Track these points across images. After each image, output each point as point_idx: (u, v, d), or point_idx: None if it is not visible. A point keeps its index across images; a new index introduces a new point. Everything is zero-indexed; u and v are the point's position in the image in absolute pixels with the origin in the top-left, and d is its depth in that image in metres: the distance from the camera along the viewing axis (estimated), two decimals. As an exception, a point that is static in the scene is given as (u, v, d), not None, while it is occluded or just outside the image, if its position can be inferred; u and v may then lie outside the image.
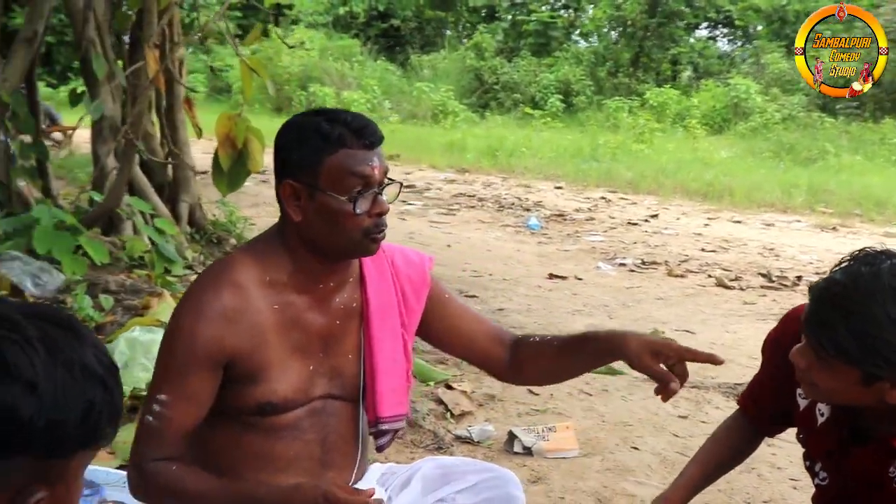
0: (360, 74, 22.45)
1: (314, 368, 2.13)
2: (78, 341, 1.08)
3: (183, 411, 1.99)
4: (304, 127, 2.03)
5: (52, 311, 1.13)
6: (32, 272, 4.55)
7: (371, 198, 1.97)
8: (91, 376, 1.06)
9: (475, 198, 10.68)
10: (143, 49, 4.21)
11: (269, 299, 2.05)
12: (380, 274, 2.26)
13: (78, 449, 1.08)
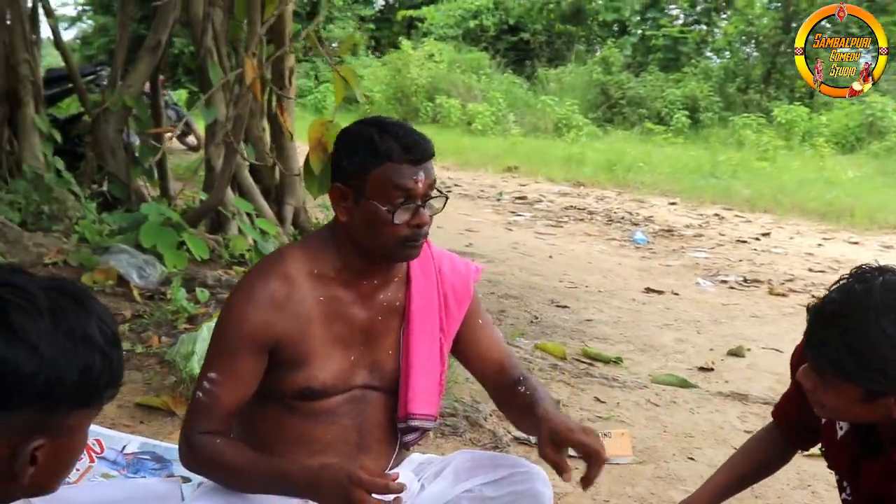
0: (487, 87, 22.65)
1: (355, 359, 2.29)
2: (85, 313, 1.25)
3: (230, 390, 2.16)
4: (358, 136, 2.20)
5: (69, 285, 1.31)
6: (138, 265, 4.87)
7: (412, 210, 2.13)
8: (91, 344, 1.23)
9: (585, 211, 10.70)
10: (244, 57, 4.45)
11: (316, 291, 2.23)
12: (426, 278, 2.41)
13: (75, 407, 1.24)
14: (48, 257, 4.89)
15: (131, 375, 3.95)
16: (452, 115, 20.84)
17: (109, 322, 1.29)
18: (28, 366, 1.17)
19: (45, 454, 1.22)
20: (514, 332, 5.11)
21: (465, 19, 26.61)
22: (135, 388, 3.81)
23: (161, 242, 4.92)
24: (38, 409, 1.19)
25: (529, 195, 11.77)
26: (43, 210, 5.31)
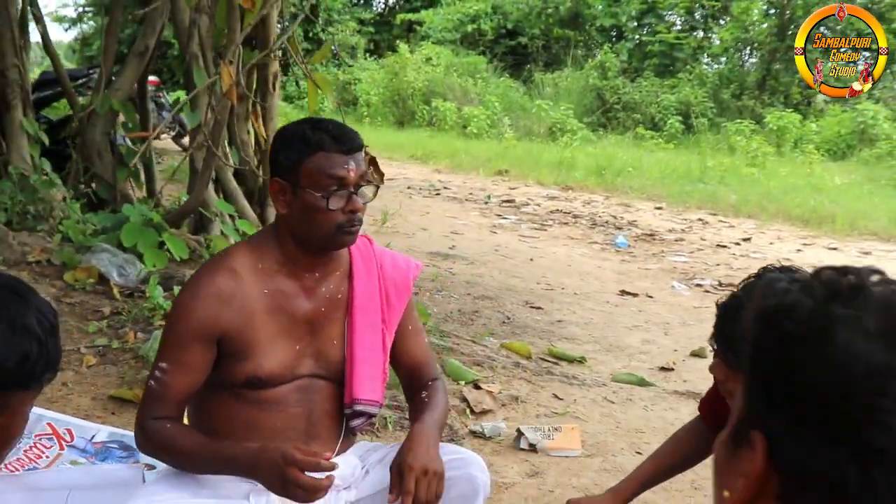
0: (483, 91, 22.81)
1: (300, 349, 2.46)
2: (25, 305, 1.41)
3: (179, 379, 2.32)
4: (291, 132, 2.38)
5: (10, 280, 1.47)
6: (118, 263, 5.03)
7: (345, 197, 2.29)
8: (29, 333, 1.39)
9: (571, 215, 10.85)
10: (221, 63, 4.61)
11: (261, 284, 2.39)
12: (367, 272, 2.58)
13: (16, 388, 1.40)
14: (32, 256, 5.06)
15: (107, 369, 4.12)
16: (448, 118, 21.00)
17: (48, 313, 1.44)
18: None
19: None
20: (485, 332, 5.27)
21: (463, 23, 26.78)
22: (109, 382, 3.98)
23: (141, 242, 5.09)
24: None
25: (517, 198, 11.92)
26: (28, 210, 5.47)
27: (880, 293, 0.90)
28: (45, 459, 3.15)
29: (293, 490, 2.13)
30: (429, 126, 21.37)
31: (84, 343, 4.33)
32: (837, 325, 0.88)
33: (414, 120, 22.27)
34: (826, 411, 0.88)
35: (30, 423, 3.26)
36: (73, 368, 4.09)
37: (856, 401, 0.86)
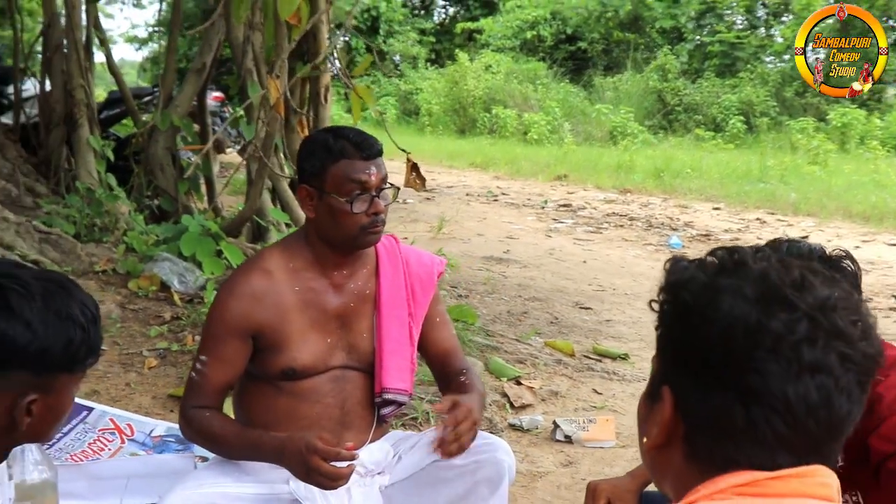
0: (544, 97, 22.89)
1: (332, 342, 2.65)
2: (69, 297, 1.61)
3: (218, 370, 2.53)
4: (315, 142, 2.59)
5: (58, 275, 1.68)
6: (179, 272, 5.29)
7: (368, 200, 2.49)
8: (73, 322, 1.58)
9: (626, 217, 10.91)
10: (268, 78, 4.84)
11: (292, 283, 2.60)
12: (393, 269, 2.77)
13: (61, 371, 1.60)
14: (99, 266, 5.34)
15: (166, 371, 4.36)
16: (508, 125, 21.14)
17: (90, 305, 1.64)
18: (22, 338, 1.52)
19: (38, 408, 1.56)
20: (530, 332, 5.41)
21: (522, 30, 26.90)
22: (168, 382, 4.21)
23: (200, 251, 5.34)
24: (31, 372, 1.54)
25: (574, 202, 12.01)
26: (95, 223, 5.77)
27: (759, 267, 1.09)
28: (107, 452, 3.39)
29: (315, 477, 2.32)
30: (490, 133, 21.53)
31: (146, 347, 4.58)
32: (723, 294, 1.07)
33: (475, 128, 22.45)
34: (715, 364, 1.07)
35: (94, 419, 3.53)
36: (135, 370, 4.34)
37: (737, 354, 1.05)
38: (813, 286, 1.07)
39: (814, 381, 1.04)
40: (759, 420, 1.05)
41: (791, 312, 1.04)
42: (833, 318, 1.05)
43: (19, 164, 6.16)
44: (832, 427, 1.07)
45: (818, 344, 1.04)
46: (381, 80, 27.44)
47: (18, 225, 5.40)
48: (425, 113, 24.18)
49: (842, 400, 1.05)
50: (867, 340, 1.07)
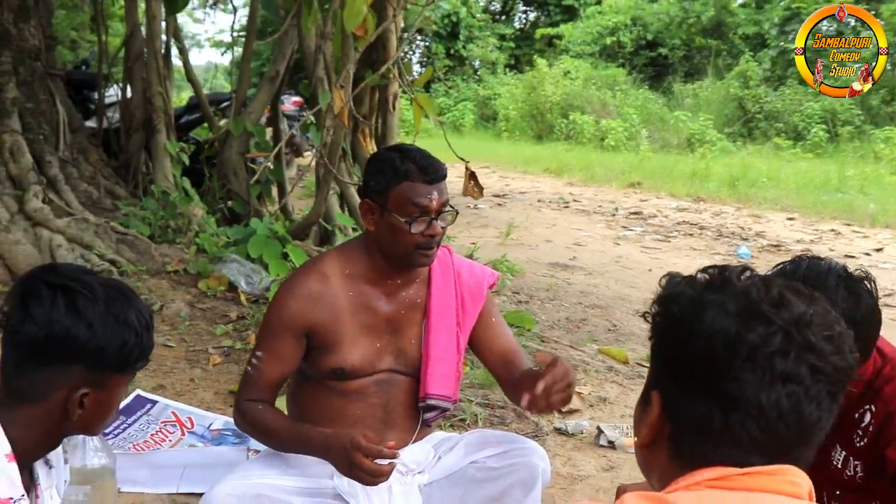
0: (622, 103, 22.78)
1: (381, 346, 2.79)
2: (128, 304, 1.78)
3: (272, 366, 2.67)
4: (383, 160, 2.71)
5: (120, 284, 1.84)
6: (246, 273, 5.50)
7: (426, 222, 2.61)
8: (128, 326, 1.75)
9: (697, 226, 10.85)
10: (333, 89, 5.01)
11: (347, 287, 2.74)
12: (444, 279, 2.90)
13: (114, 371, 1.76)
14: (171, 266, 5.58)
15: (229, 368, 4.55)
16: (585, 131, 21.09)
17: (145, 312, 1.80)
18: (84, 336, 1.69)
19: (90, 401, 1.73)
20: (586, 339, 5.48)
21: (602, 36, 26.81)
22: (230, 379, 4.41)
23: (267, 253, 5.55)
24: (87, 367, 1.71)
25: (646, 210, 11.99)
26: (169, 224, 6.03)
27: (742, 285, 1.20)
28: (168, 443, 3.59)
29: (357, 473, 2.46)
30: (566, 139, 21.52)
31: (212, 344, 4.78)
32: (708, 308, 1.19)
33: (552, 133, 22.46)
34: (699, 372, 1.19)
35: (157, 412, 3.74)
36: (200, 366, 4.54)
37: (718, 363, 1.17)
38: (790, 303, 1.18)
39: (785, 389, 1.15)
40: (735, 424, 1.17)
41: (767, 326, 1.16)
42: (806, 333, 1.16)
43: (101, 167, 6.45)
44: (802, 432, 1.17)
45: (790, 356, 1.15)
46: (460, 85, 27.64)
47: (97, 226, 5.68)
48: (503, 118, 24.28)
49: (811, 407, 1.16)
50: (839, 354, 1.17)
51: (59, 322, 1.65)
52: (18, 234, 5.39)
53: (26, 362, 1.68)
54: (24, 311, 1.66)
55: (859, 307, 2.06)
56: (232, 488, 2.78)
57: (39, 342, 1.65)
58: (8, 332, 1.69)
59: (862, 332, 2.07)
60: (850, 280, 2.12)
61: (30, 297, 1.67)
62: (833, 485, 2.29)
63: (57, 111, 6.17)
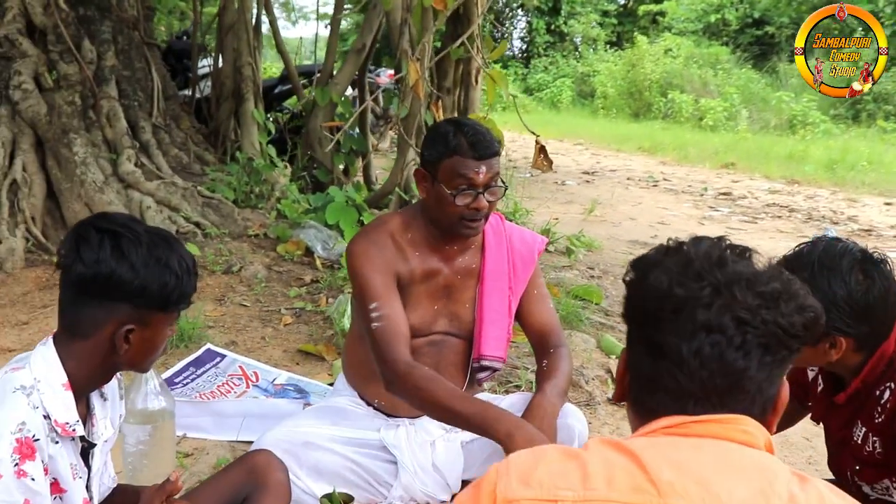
0: (723, 82, 22.34)
1: (437, 309, 2.93)
2: (170, 250, 1.93)
3: (395, 311, 2.69)
4: (438, 132, 2.83)
5: (165, 232, 2.00)
6: (323, 239, 5.70)
7: (472, 196, 2.72)
8: (169, 269, 1.91)
9: (787, 208, 10.66)
10: (408, 61, 5.13)
11: (412, 251, 2.87)
12: (498, 246, 3.02)
13: (156, 309, 1.92)
14: (252, 230, 5.82)
15: (299, 328, 4.75)
16: (684, 110, 20.79)
17: (188, 259, 1.94)
18: (127, 275, 1.85)
19: (135, 338, 1.88)
20: (654, 315, 5.50)
21: (706, 13, 26.28)
22: (299, 338, 4.60)
23: (343, 220, 5.73)
24: (132, 305, 1.87)
25: (736, 191, 11.82)
26: (253, 190, 6.26)
27: (689, 250, 1.29)
28: (233, 394, 3.79)
29: None
30: (664, 118, 21.26)
31: (284, 305, 4.99)
32: (654, 269, 1.30)
33: (650, 112, 22.21)
34: (637, 324, 1.32)
35: (225, 365, 3.95)
36: (272, 326, 4.75)
37: (651, 315, 1.28)
38: (727, 264, 1.27)
39: (708, 338, 1.23)
40: (663, 372, 1.26)
41: (698, 282, 1.25)
42: (734, 289, 1.24)
43: (191, 134, 6.73)
44: (729, 379, 1.24)
45: (713, 307, 1.23)
46: (559, 62, 27.51)
47: (185, 190, 5.94)
48: (600, 95, 24.10)
49: (737, 356, 1.23)
50: (771, 310, 1.24)
51: (104, 262, 1.80)
52: (111, 195, 5.68)
53: (78, 300, 1.85)
54: (75, 253, 1.83)
55: (872, 290, 2.09)
56: (283, 435, 2.95)
57: (88, 281, 1.81)
58: (63, 272, 1.87)
59: (876, 313, 2.10)
60: (865, 263, 2.14)
61: (81, 240, 1.84)
62: (854, 460, 2.32)
63: (152, 79, 6.45)
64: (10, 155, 5.61)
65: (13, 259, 5.19)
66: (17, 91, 5.64)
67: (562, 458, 1.20)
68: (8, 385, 1.81)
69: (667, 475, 1.14)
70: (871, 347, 2.16)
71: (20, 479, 1.71)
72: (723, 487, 1.14)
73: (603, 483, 1.14)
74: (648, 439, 1.24)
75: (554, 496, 1.14)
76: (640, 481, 1.14)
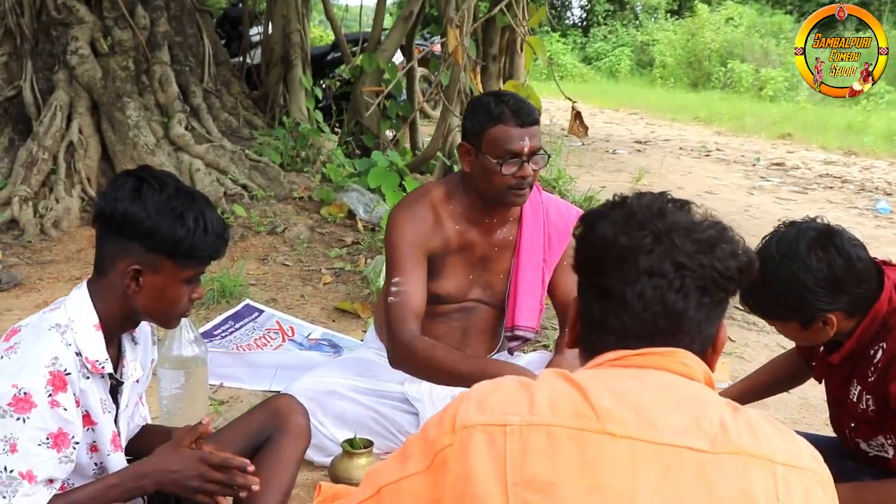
0: (786, 52, 21.97)
1: (472, 278, 3.03)
2: (191, 206, 2.02)
3: (413, 288, 2.80)
4: (479, 103, 2.91)
5: (195, 192, 2.09)
6: (365, 202, 5.84)
7: (517, 164, 2.80)
8: (182, 221, 1.99)
9: (840, 179, 10.54)
10: (448, 28, 5.22)
11: (452, 221, 2.96)
12: (534, 218, 3.10)
13: (165, 255, 1.97)
14: (297, 192, 5.98)
15: (338, 287, 4.91)
16: (743, 80, 20.50)
17: (209, 218, 1.99)
18: (139, 216, 1.94)
19: (144, 281, 1.96)
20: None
21: (770, -19, 25.84)
22: (337, 296, 4.76)
23: (385, 184, 5.86)
24: (144, 247, 1.95)
25: (790, 162, 11.70)
26: (300, 154, 6.42)
27: (632, 203, 1.41)
28: (269, 347, 3.96)
29: None
30: (723, 88, 20.99)
31: (325, 265, 5.15)
32: (601, 221, 1.40)
33: (709, 82, 21.93)
34: (586, 272, 1.41)
35: (262, 320, 4.11)
36: (312, 284, 4.91)
37: (597, 261, 1.38)
38: (666, 214, 1.37)
39: (650, 282, 1.33)
40: (610, 314, 1.36)
41: (641, 231, 1.35)
42: (673, 236, 1.34)
43: (241, 99, 6.90)
44: (671, 320, 1.33)
45: (654, 254, 1.33)
46: (619, 31, 27.24)
47: (233, 153, 6.12)
48: (659, 65, 23.84)
49: (676, 298, 1.33)
50: (708, 255, 1.33)
51: (121, 201, 1.93)
52: (162, 157, 5.88)
53: (101, 237, 1.99)
54: (104, 192, 1.97)
55: (834, 264, 2.12)
56: (309, 384, 3.10)
57: (106, 217, 1.94)
58: (94, 210, 2.01)
59: (848, 283, 2.14)
60: (821, 240, 2.15)
61: (114, 181, 1.99)
62: (851, 417, 2.38)
63: (203, 45, 6.62)
64: (68, 118, 5.83)
65: (69, 218, 5.42)
66: (73, 56, 5.85)
67: (515, 388, 1.31)
68: (44, 324, 1.94)
69: (605, 402, 1.24)
70: (863, 310, 2.20)
71: (54, 409, 1.85)
72: (658, 414, 1.23)
73: (547, 409, 1.25)
74: (593, 371, 1.34)
75: (503, 421, 1.24)
76: (581, 407, 1.24)
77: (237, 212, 5.55)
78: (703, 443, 1.21)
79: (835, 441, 2.65)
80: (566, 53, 25.49)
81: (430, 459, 1.27)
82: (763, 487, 1.20)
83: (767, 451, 1.23)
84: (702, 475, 1.19)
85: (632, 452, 1.20)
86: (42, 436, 1.83)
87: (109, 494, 1.93)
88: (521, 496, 1.19)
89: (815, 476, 1.26)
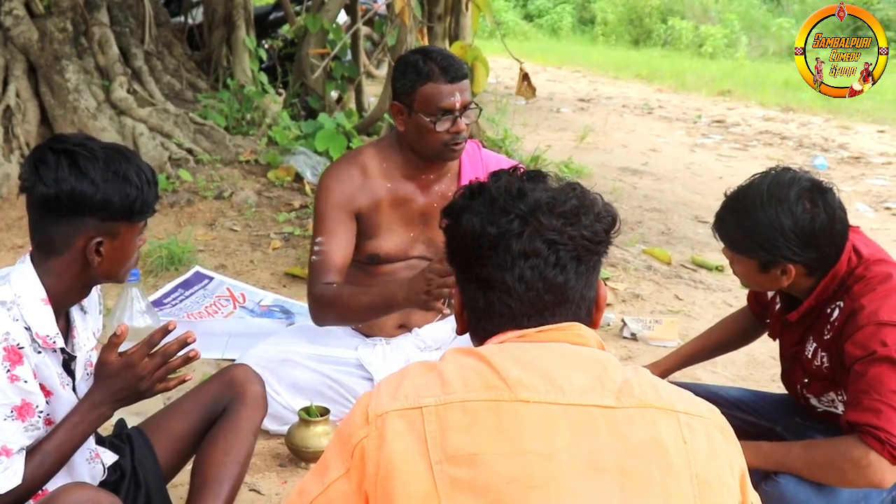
0: (724, 8, 22.14)
1: (414, 236, 3.05)
2: (127, 162, 2.00)
3: (335, 247, 2.89)
4: (407, 62, 2.92)
5: (121, 147, 2.07)
6: (312, 165, 5.80)
7: (451, 120, 2.82)
8: (129, 181, 1.97)
9: (779, 136, 10.71)
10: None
11: (384, 181, 2.98)
12: (474, 173, 3.13)
13: (122, 220, 1.97)
14: (243, 156, 5.92)
15: (287, 252, 4.89)
16: (684, 37, 20.62)
17: (146, 170, 2.00)
18: (89, 191, 1.93)
19: (106, 249, 1.96)
20: (636, 240, 5.64)
21: (709, -63, 25.90)
22: (287, 262, 4.74)
23: (332, 146, 5.83)
24: (98, 219, 1.95)
25: (730, 119, 11.85)
26: (245, 117, 6.34)
27: (490, 187, 1.45)
28: (220, 315, 3.94)
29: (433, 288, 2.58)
30: (663, 46, 21.10)
31: (273, 230, 5.12)
32: (465, 212, 1.45)
33: (650, 39, 22.02)
34: (463, 265, 1.47)
35: (213, 287, 4.08)
36: (261, 250, 4.89)
37: (472, 254, 1.43)
38: (527, 194, 1.42)
39: (527, 263, 1.39)
40: (495, 301, 1.42)
41: (506, 216, 1.40)
42: (538, 215, 1.39)
43: (184, 61, 6.78)
44: (555, 294, 1.40)
45: (524, 236, 1.39)
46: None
47: (177, 116, 6.02)
48: (600, 22, 23.87)
49: (555, 272, 1.39)
50: (575, 225, 1.40)
51: (65, 180, 1.89)
52: (104, 121, 5.77)
53: (46, 220, 1.94)
54: (35, 176, 1.91)
55: (817, 218, 2.18)
56: (263, 352, 3.11)
57: (52, 200, 1.90)
58: (27, 195, 1.96)
59: (822, 240, 2.21)
60: (813, 192, 2.22)
61: (39, 162, 1.93)
62: (804, 374, 2.45)
63: (143, 5, 6.48)
64: (4, 81, 5.67)
65: (8, 184, 5.30)
66: (7, 17, 5.69)
67: (423, 372, 1.35)
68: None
69: (514, 372, 1.30)
70: (822, 271, 2.26)
71: (13, 383, 1.85)
72: (564, 378, 1.30)
73: (460, 386, 1.30)
74: (498, 345, 1.40)
75: (418, 403, 1.28)
76: (492, 379, 1.30)
77: (183, 176, 5.48)
78: (608, 399, 1.29)
79: (783, 397, 2.73)
80: (508, 11, 25.37)
81: (349, 458, 1.30)
82: (670, 433, 1.29)
83: (668, 402, 1.32)
84: (613, 428, 1.27)
85: (545, 415, 1.26)
86: (6, 410, 1.84)
87: (76, 432, 1.98)
88: (447, 472, 1.23)
89: (713, 422, 1.35)
